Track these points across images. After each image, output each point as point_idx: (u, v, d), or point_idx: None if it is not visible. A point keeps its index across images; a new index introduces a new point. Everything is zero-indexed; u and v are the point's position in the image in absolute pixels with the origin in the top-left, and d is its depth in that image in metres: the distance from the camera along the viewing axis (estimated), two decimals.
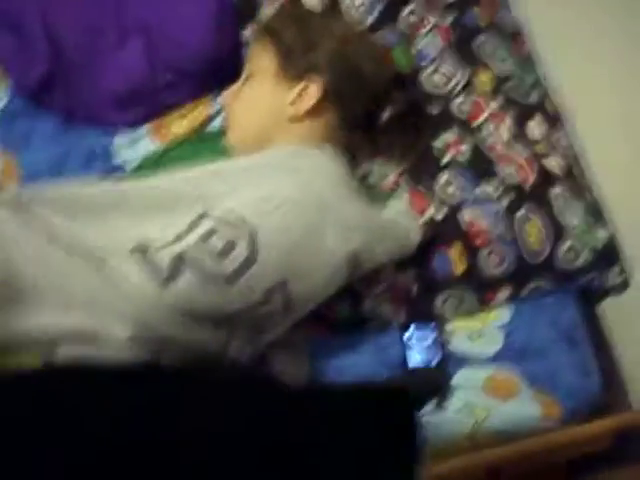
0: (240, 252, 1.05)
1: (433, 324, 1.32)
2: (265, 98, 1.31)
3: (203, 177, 1.20)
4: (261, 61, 1.33)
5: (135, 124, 1.51)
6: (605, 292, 1.46)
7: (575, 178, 1.43)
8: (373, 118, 1.35)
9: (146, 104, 1.51)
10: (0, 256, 1.02)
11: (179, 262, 1.03)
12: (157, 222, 1.14)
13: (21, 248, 1.05)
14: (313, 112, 1.29)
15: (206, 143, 1.44)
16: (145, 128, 1.50)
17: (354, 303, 1.29)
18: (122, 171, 1.45)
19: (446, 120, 1.44)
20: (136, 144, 1.49)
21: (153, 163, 1.41)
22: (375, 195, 1.33)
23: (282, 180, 1.17)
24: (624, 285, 1.43)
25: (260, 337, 1.14)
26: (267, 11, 1.51)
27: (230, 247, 1.05)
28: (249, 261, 1.05)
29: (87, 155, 1.47)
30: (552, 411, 1.27)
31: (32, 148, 1.45)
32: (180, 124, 1.50)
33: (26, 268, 1.03)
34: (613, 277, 1.42)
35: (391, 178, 1.37)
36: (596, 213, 1.41)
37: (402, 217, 1.26)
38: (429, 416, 1.24)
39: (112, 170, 1.45)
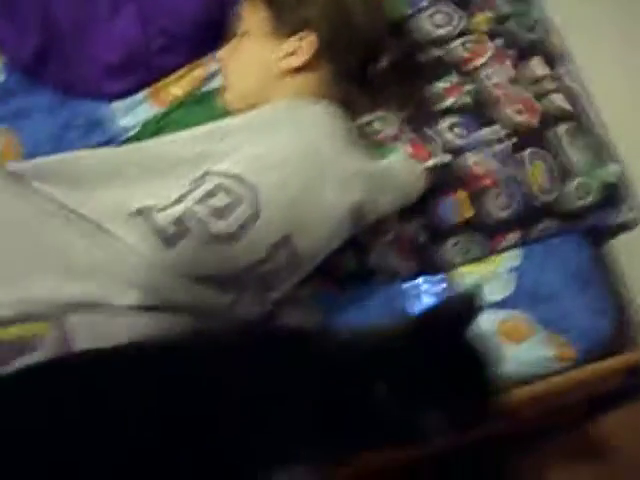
0: (243, 209, 1.05)
1: (442, 275, 1.31)
2: (260, 55, 1.30)
3: (201, 137, 1.20)
4: (254, 19, 1.31)
5: (132, 91, 1.49)
6: (616, 229, 1.44)
7: (581, 115, 1.40)
8: (369, 69, 1.33)
9: (142, 70, 1.49)
10: None
11: (182, 222, 1.03)
12: (158, 185, 1.14)
13: (19, 214, 1.04)
14: (308, 66, 1.27)
15: (205, 103, 1.42)
16: (143, 93, 1.49)
17: (360, 256, 1.27)
18: (123, 138, 1.44)
19: (445, 64, 1.41)
20: (135, 110, 1.48)
21: (154, 127, 1.40)
22: (376, 146, 1.32)
23: (279, 136, 1.16)
24: (635, 221, 1.41)
25: (267, 295, 1.13)
26: None
27: (233, 205, 1.05)
28: (252, 218, 1.05)
29: (86, 126, 1.46)
30: (566, 352, 1.27)
31: (31, 123, 1.44)
32: (178, 86, 1.49)
33: (23, 234, 1.03)
34: (625, 213, 1.40)
35: (392, 128, 1.34)
36: (606, 147, 1.39)
37: (404, 165, 1.25)
38: None
39: (112, 138, 1.44)
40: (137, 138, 1.39)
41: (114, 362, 0.90)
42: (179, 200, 1.07)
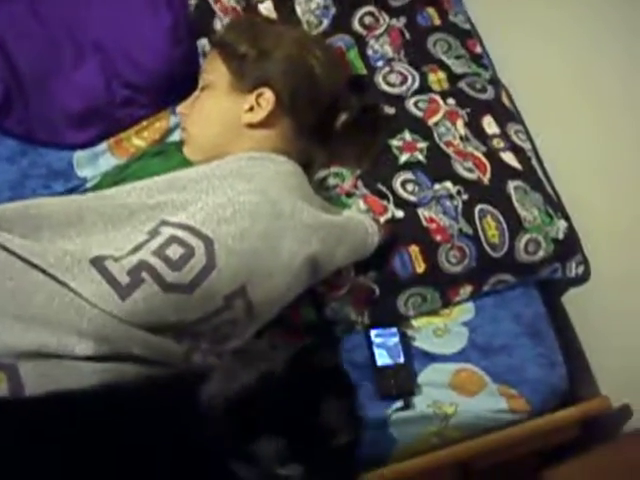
0: (198, 259, 1.06)
1: (396, 328, 1.33)
2: (220, 108, 1.33)
3: (160, 187, 1.20)
4: (215, 73, 1.35)
5: (94, 142, 1.51)
6: (567, 283, 1.48)
7: (533, 171, 1.44)
8: (328, 125, 1.37)
9: (104, 121, 1.51)
10: None
11: (138, 272, 1.03)
12: (116, 235, 1.14)
13: None
14: (268, 121, 1.30)
15: (166, 155, 1.43)
16: (105, 144, 1.51)
17: (317, 307, 1.29)
18: (83, 188, 1.45)
19: (402, 120, 1.45)
20: (97, 160, 1.50)
21: (114, 178, 1.41)
22: (332, 199, 1.34)
23: (239, 187, 1.17)
24: (586, 275, 1.45)
25: (223, 346, 1.14)
26: (223, 22, 1.51)
27: (188, 255, 1.06)
28: (208, 268, 1.06)
29: (47, 175, 1.47)
30: (518, 404, 1.28)
31: None
32: (140, 138, 1.51)
33: None
34: (575, 267, 1.44)
35: (348, 182, 1.37)
36: (555, 204, 1.43)
37: (359, 219, 1.27)
38: (397, 415, 1.24)
39: (73, 188, 1.45)
40: (97, 188, 1.39)
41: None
42: (134, 250, 1.07)
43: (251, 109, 1.30)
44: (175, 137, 1.51)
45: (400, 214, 1.33)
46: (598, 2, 1.35)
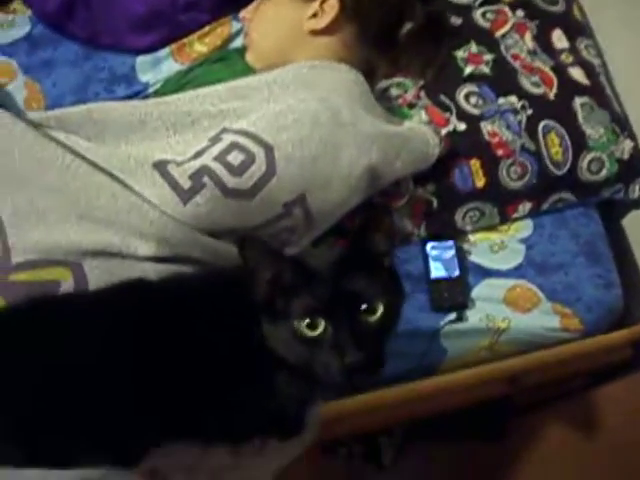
0: (259, 166, 1.07)
1: (453, 241, 1.33)
2: (284, 14, 1.31)
3: (223, 94, 1.20)
4: None
5: (157, 47, 1.50)
6: (629, 205, 1.45)
7: (601, 88, 1.40)
8: (392, 33, 1.34)
9: (167, 25, 1.50)
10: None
11: (199, 177, 1.05)
12: (178, 140, 1.16)
13: (38, 161, 1.06)
14: (331, 28, 1.28)
15: (228, 61, 1.42)
16: (167, 49, 1.50)
17: None
18: (145, 93, 1.45)
19: (468, 31, 1.41)
20: (159, 65, 1.49)
21: (176, 83, 1.41)
22: (394, 110, 1.33)
23: (300, 95, 1.17)
24: None
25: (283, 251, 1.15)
26: None
27: (249, 161, 1.07)
28: (267, 175, 1.07)
29: (110, 79, 1.47)
30: (571, 323, 1.29)
31: (55, 75, 1.45)
32: (202, 44, 1.50)
33: (45, 181, 1.05)
34: (638, 189, 1.41)
35: (411, 92, 1.35)
36: (622, 123, 1.39)
37: (421, 130, 1.25)
38: (449, 327, 1.26)
39: (135, 93, 1.46)
40: (159, 94, 1.40)
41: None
42: (197, 156, 1.08)
43: (314, 15, 1.27)
44: (237, 43, 1.49)
45: (462, 127, 1.31)
46: None
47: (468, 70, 1.36)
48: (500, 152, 1.30)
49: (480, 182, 1.31)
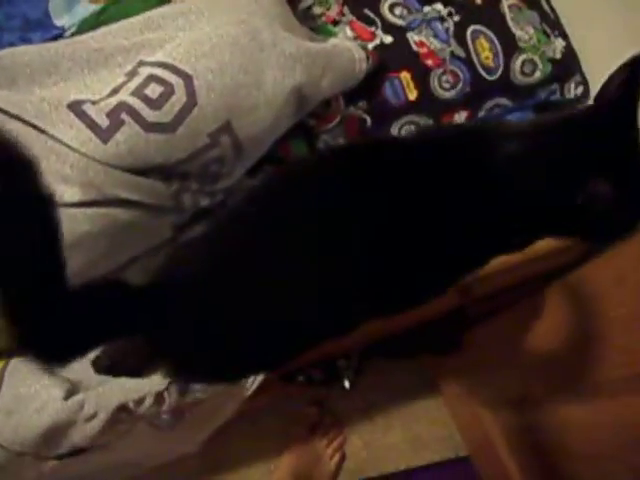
0: (179, 97, 1.03)
1: None
2: None
3: (136, 27, 1.16)
4: None
5: None
6: (567, 105, 1.43)
7: None
8: None
9: None
10: None
11: (117, 114, 1.01)
12: (93, 79, 1.11)
13: None
14: None
15: None
16: None
17: (309, 140, 1.27)
18: (62, 38, 1.40)
19: None
20: (74, 8, 1.41)
21: (92, 23, 1.35)
22: (318, 29, 1.29)
23: (216, 20, 1.12)
24: (585, 96, 1.41)
25: (213, 185, 1.13)
26: None
27: (168, 93, 1.02)
28: (188, 105, 1.03)
29: (23, 26, 1.39)
30: None
31: None
32: None
33: None
34: (574, 88, 1.39)
35: (334, 9, 1.31)
36: (552, 22, 1.37)
37: (346, 46, 1.21)
38: None
39: (52, 38, 1.39)
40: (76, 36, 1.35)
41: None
42: (113, 92, 1.04)
43: None
44: None
45: (389, 39, 1.28)
46: None
47: None
48: (430, 62, 1.28)
49: (412, 94, 1.28)
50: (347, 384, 1.65)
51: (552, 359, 1.43)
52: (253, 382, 1.23)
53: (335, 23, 1.30)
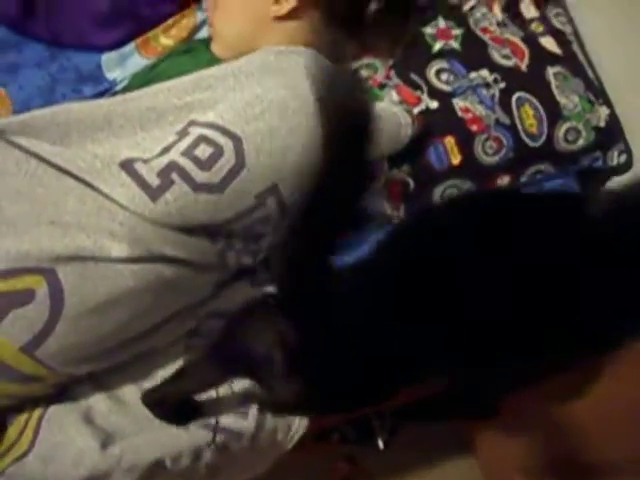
0: (228, 159, 1.05)
1: None
2: (246, 2, 1.28)
3: (188, 86, 1.17)
4: None
5: (122, 42, 1.48)
6: (609, 173, 1.43)
7: (573, 56, 1.39)
8: (358, 14, 1.31)
9: (131, 20, 1.48)
10: None
11: (167, 173, 1.03)
12: (144, 137, 1.13)
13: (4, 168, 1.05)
14: (296, 13, 1.25)
15: (194, 53, 1.40)
16: (132, 44, 1.47)
17: None
18: (113, 91, 1.43)
19: (436, 6, 1.39)
20: (125, 61, 1.47)
21: (143, 78, 1.39)
22: None
23: (267, 83, 1.14)
24: (628, 164, 1.41)
25: (258, 244, 1.14)
26: None
27: (217, 154, 1.04)
28: (237, 167, 1.05)
29: (76, 79, 1.45)
30: None
31: (21, 78, 1.43)
32: (168, 36, 1.47)
33: (12, 188, 1.03)
34: (617, 156, 1.40)
35: (381, 73, 1.33)
36: (596, 90, 1.38)
37: (393, 111, 1.23)
38: None
39: (104, 91, 1.44)
40: (127, 90, 1.37)
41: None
42: (164, 152, 1.06)
43: (277, 1, 1.25)
44: (203, 34, 1.47)
45: (434, 105, 1.29)
46: None
47: (437, 46, 1.34)
48: (474, 128, 1.29)
49: (456, 159, 1.29)
50: (381, 444, 1.64)
51: (598, 427, 1.40)
52: (294, 436, 1.22)
53: (381, 86, 1.31)
